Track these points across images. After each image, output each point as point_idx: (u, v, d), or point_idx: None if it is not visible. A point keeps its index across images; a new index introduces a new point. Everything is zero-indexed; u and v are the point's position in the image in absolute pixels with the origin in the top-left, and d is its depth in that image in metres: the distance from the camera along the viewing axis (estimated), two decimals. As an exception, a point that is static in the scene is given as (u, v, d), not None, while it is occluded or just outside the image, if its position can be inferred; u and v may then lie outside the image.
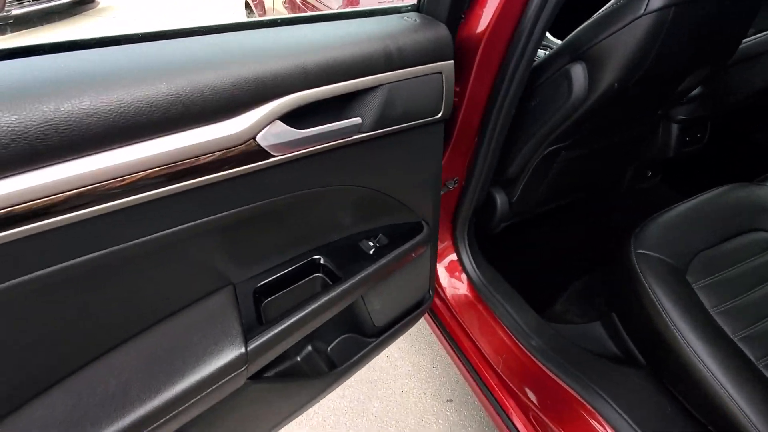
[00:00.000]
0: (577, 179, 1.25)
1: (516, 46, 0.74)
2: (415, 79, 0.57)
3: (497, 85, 0.80)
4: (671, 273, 0.86)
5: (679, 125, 1.28)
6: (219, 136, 0.43)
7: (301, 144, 0.50)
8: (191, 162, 0.42)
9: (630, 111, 1.05)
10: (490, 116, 0.85)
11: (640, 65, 0.80)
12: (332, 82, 0.50)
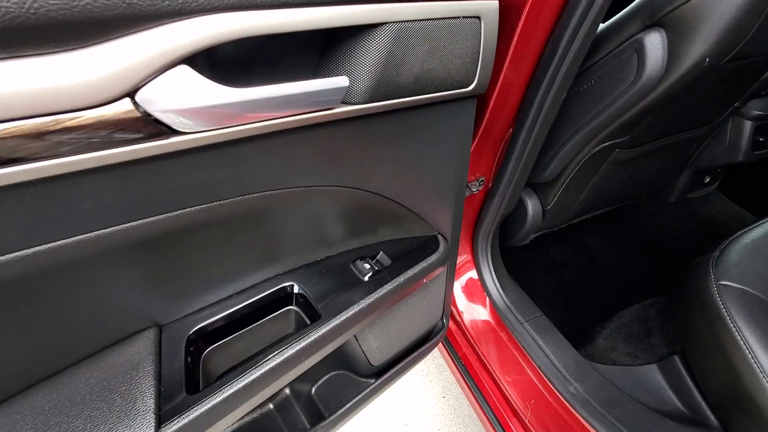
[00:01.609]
0: (626, 184, 1.03)
1: (572, 15, 0.53)
2: (440, 22, 0.37)
3: (548, 55, 0.59)
4: (763, 310, 0.65)
5: (753, 123, 1.05)
6: (55, 84, 0.23)
7: (236, 113, 0.29)
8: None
9: (707, 100, 0.83)
10: (535, 98, 0.64)
11: (742, 31, 0.58)
12: (298, 5, 0.29)
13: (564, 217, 1.04)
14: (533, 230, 1.04)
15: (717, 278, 0.68)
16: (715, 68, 0.65)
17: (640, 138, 0.85)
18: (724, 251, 0.72)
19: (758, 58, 0.72)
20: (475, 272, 0.98)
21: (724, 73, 0.73)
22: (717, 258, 0.71)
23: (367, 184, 0.45)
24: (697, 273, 0.71)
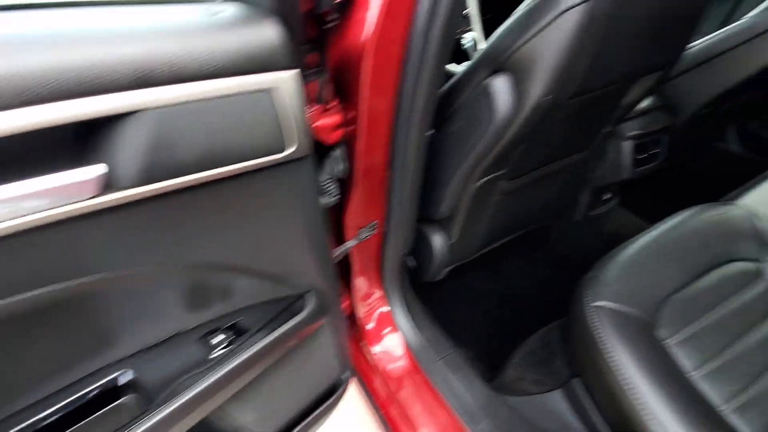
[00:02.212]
0: (524, 211, 1.08)
1: (414, 50, 0.56)
2: (219, 101, 0.37)
3: (402, 105, 0.62)
4: (637, 329, 0.67)
5: (630, 142, 1.14)
6: None
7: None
8: None
9: (571, 130, 0.89)
10: (402, 141, 0.66)
11: (574, 71, 0.64)
12: (37, 101, 0.28)
13: (472, 249, 1.07)
14: (444, 264, 1.05)
15: (592, 299, 0.70)
16: (562, 105, 0.71)
17: (519, 169, 0.89)
18: (599, 271, 0.75)
19: (605, 90, 0.78)
20: (387, 309, 0.97)
21: (577, 106, 0.79)
22: (591, 278, 0.74)
23: (194, 256, 0.43)
24: (576, 295, 0.74)
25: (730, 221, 0.86)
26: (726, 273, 0.79)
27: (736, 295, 0.76)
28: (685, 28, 0.77)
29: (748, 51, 1.05)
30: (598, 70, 0.66)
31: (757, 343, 0.70)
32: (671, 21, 0.71)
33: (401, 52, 0.57)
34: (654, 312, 0.71)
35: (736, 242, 0.83)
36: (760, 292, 0.77)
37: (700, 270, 0.78)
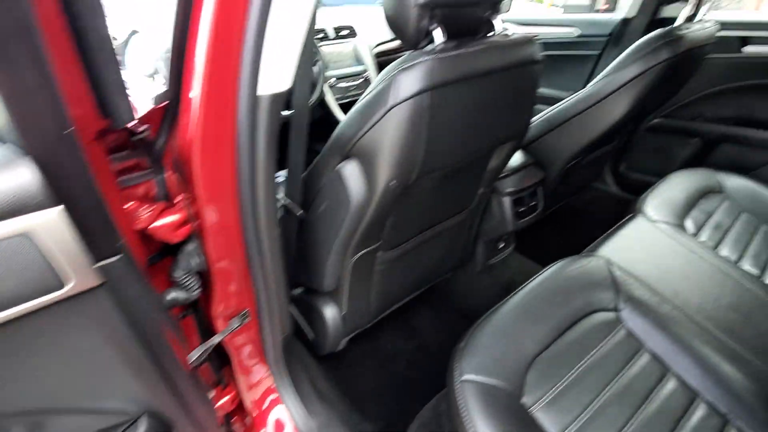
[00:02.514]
0: (415, 273, 1.10)
1: (243, 147, 0.56)
2: None
3: (243, 197, 0.61)
4: (503, 402, 0.69)
5: (509, 198, 1.23)
6: None
7: None
8: None
9: (443, 197, 0.93)
10: (250, 235, 0.64)
11: (412, 158, 0.67)
12: None
13: (366, 317, 1.05)
14: (340, 336, 1.02)
15: (459, 374, 0.71)
16: (413, 184, 0.74)
17: (394, 240, 0.91)
18: (468, 340, 0.77)
19: (463, 161, 0.83)
20: (278, 400, 0.91)
21: (440, 178, 0.83)
22: (461, 350, 0.75)
23: None
24: (448, 368, 0.74)
25: (590, 273, 0.93)
26: (587, 325, 0.84)
27: (597, 347, 0.81)
28: (522, 107, 0.85)
29: (595, 114, 1.19)
30: (437, 154, 0.70)
31: (616, 396, 0.74)
32: (504, 105, 0.79)
33: (232, 148, 0.56)
34: (520, 379, 0.72)
35: (596, 293, 0.89)
36: (618, 341, 0.83)
37: (564, 326, 0.82)
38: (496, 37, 0.73)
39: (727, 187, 1.31)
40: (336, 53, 1.67)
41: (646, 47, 1.05)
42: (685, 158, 1.59)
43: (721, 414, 0.74)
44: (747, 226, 1.19)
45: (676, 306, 0.90)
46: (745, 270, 1.06)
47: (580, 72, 1.78)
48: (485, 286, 1.43)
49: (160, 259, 0.75)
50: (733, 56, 1.40)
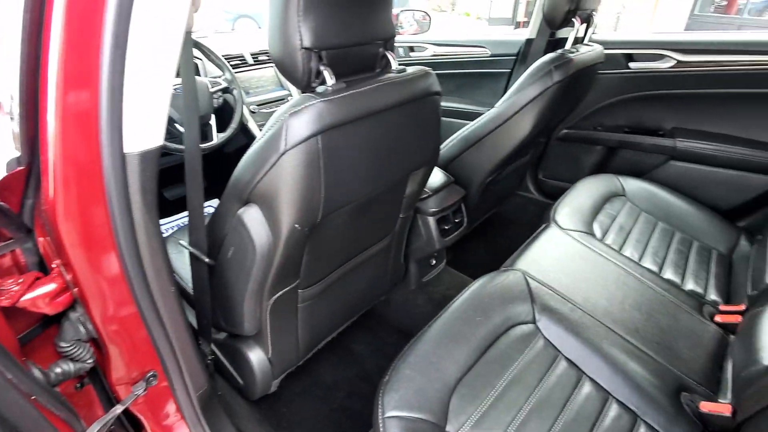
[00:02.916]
0: (342, 304, 1.08)
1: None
2: None
3: (125, 255, 0.56)
4: (429, 435, 0.69)
5: (434, 218, 1.25)
6: None
7: None
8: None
9: (363, 227, 0.93)
10: (140, 295, 0.59)
11: (312, 200, 0.66)
12: None
13: (295, 355, 1.02)
14: (269, 378, 0.98)
15: (382, 411, 0.70)
16: (320, 225, 0.73)
17: (314, 277, 0.89)
18: (392, 373, 0.76)
19: (369, 197, 0.83)
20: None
21: (355, 210, 0.82)
22: (386, 384, 0.75)
23: None
24: (374, 405, 0.73)
25: (508, 288, 0.97)
26: (507, 341, 0.87)
27: (518, 360, 0.84)
28: (427, 136, 0.88)
29: (505, 132, 1.26)
30: (339, 193, 0.70)
31: (536, 408, 0.77)
32: (408, 136, 0.81)
33: (104, 208, 0.52)
34: (444, 407, 0.73)
35: (515, 307, 0.93)
36: (537, 352, 0.87)
37: (485, 344, 0.85)
38: (391, 74, 0.74)
39: (628, 190, 1.44)
40: (256, 78, 1.63)
41: (539, 71, 1.13)
42: (592, 164, 1.73)
43: (631, 411, 0.79)
44: (646, 226, 1.30)
45: (586, 311, 0.96)
46: (646, 267, 1.16)
47: (495, 88, 1.89)
48: (421, 303, 1.45)
49: (43, 330, 0.67)
50: (622, 72, 1.55)
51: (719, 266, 1.20)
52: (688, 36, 1.47)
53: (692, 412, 0.79)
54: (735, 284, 1.14)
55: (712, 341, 0.96)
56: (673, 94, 1.49)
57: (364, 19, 0.67)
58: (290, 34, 0.59)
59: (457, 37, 1.92)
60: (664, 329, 0.97)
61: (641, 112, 1.57)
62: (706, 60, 1.38)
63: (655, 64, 1.48)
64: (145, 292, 0.57)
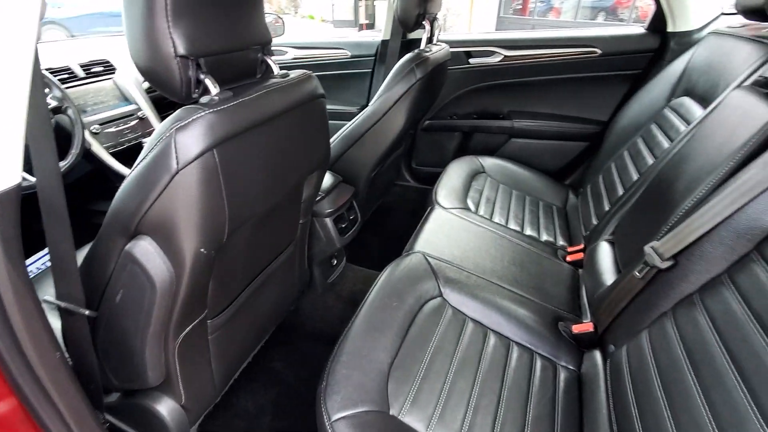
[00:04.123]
0: (255, 324, 1.02)
1: None
2: None
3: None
4: (378, 425, 0.71)
5: (329, 218, 1.27)
6: None
7: None
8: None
9: (265, 240, 0.89)
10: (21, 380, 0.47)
11: (217, 220, 0.61)
12: None
13: (213, 392, 0.93)
14: (186, 427, 0.87)
15: (329, 416, 0.70)
16: (229, 239, 0.68)
17: (221, 304, 0.83)
18: (328, 378, 0.76)
19: (272, 204, 0.80)
20: None
21: (254, 225, 0.79)
22: (324, 389, 0.74)
23: None
24: (317, 414, 0.72)
25: (413, 270, 1.05)
26: (423, 317, 0.95)
27: (435, 332, 0.92)
28: (318, 138, 0.88)
29: (382, 127, 1.34)
30: (243, 207, 0.67)
31: (459, 370, 0.85)
32: (300, 141, 0.80)
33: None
34: (384, 394, 0.76)
35: (423, 285, 1.01)
36: (449, 321, 0.96)
37: (405, 325, 0.90)
38: (275, 79, 0.73)
39: (486, 167, 1.68)
40: (93, 94, 1.38)
41: (403, 70, 1.24)
42: (454, 148, 1.96)
43: (528, 348, 0.95)
44: (505, 195, 1.55)
45: (478, 275, 1.11)
46: (512, 228, 1.38)
47: (360, 87, 1.98)
48: (331, 304, 1.45)
49: None
50: (464, 67, 1.79)
51: (560, 218, 1.50)
52: (510, 35, 1.77)
53: (568, 335, 0.99)
54: (573, 229, 1.44)
55: (569, 277, 1.21)
56: (505, 83, 1.79)
57: (239, 23, 0.64)
58: (160, 42, 0.53)
59: (316, 40, 1.95)
60: (534, 275, 1.18)
61: (484, 100, 1.84)
62: (526, 54, 1.70)
63: (488, 59, 1.76)
64: (24, 367, 0.46)
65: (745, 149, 0.73)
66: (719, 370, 0.57)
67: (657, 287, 0.78)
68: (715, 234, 0.69)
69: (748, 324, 0.57)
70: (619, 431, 0.72)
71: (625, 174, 1.27)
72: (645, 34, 1.59)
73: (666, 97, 1.33)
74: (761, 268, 0.60)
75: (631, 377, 0.74)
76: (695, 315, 0.67)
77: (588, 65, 1.66)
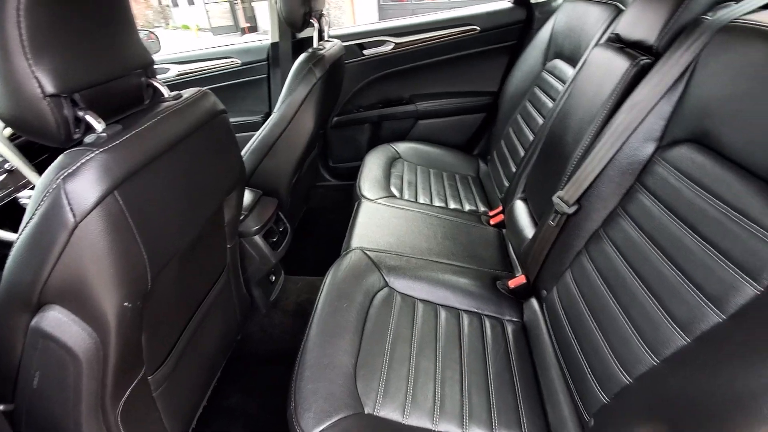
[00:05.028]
0: (203, 366, 0.95)
1: None
2: None
3: None
4: (357, 427, 0.71)
5: (259, 235, 1.22)
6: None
7: None
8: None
9: (192, 279, 0.83)
10: None
11: (136, 268, 0.55)
12: None
13: None
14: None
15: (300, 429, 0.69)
16: (155, 284, 0.62)
17: (160, 355, 0.76)
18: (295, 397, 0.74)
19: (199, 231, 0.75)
20: None
21: (180, 260, 0.73)
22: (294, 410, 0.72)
23: None
24: None
25: (355, 267, 1.05)
26: (375, 311, 0.96)
27: (390, 322, 0.94)
28: (228, 156, 0.84)
29: (292, 132, 1.30)
30: (163, 245, 0.61)
31: (420, 351, 0.89)
32: (210, 162, 0.75)
33: None
34: (355, 395, 0.76)
35: (368, 280, 1.03)
36: (400, 307, 0.99)
37: (360, 323, 0.91)
38: (168, 102, 0.67)
39: (401, 152, 1.73)
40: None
41: (302, 71, 1.21)
42: (367, 140, 1.98)
43: (476, 313, 1.01)
44: (424, 175, 1.61)
45: (417, 257, 1.15)
46: (437, 206, 1.45)
47: (258, 94, 1.90)
48: (278, 322, 1.40)
49: None
50: (360, 59, 1.81)
51: (476, 186, 1.61)
52: (397, 23, 1.83)
53: (506, 291, 1.08)
54: (490, 195, 1.56)
55: (496, 238, 1.31)
56: (402, 69, 1.85)
57: (112, 48, 0.58)
58: (23, 84, 0.46)
59: (200, 51, 1.82)
60: (466, 244, 1.26)
61: (385, 88, 1.88)
62: (415, 39, 1.76)
63: (381, 49, 1.80)
64: None
65: (613, 97, 0.85)
66: (631, 288, 0.67)
67: (569, 231, 0.88)
68: (604, 175, 0.80)
69: (644, 244, 0.67)
70: (565, 362, 0.81)
71: (522, 136, 1.40)
72: (513, 7, 1.75)
73: (541, 62, 1.48)
74: (644, 195, 0.71)
75: (565, 313, 0.84)
76: (603, 247, 0.77)
77: (471, 42, 1.78)
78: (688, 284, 0.57)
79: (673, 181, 0.65)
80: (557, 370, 0.84)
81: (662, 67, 0.74)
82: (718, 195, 0.56)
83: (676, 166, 0.66)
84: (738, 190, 0.54)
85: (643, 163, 0.75)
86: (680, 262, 0.59)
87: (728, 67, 0.62)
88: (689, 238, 0.59)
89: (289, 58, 1.69)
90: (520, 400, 0.82)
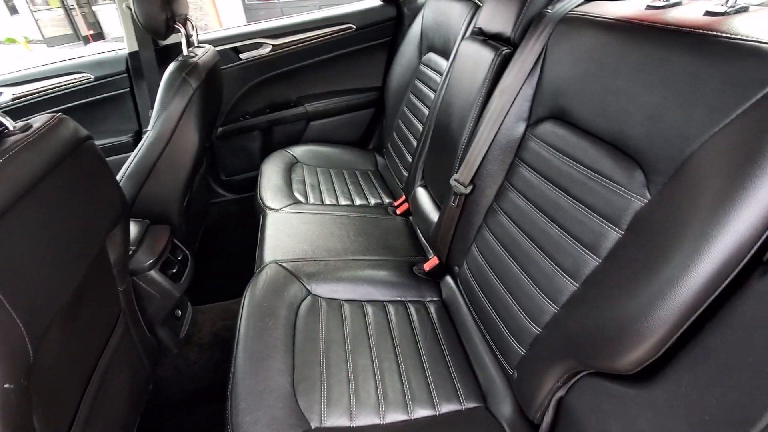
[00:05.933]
0: (115, 430, 0.83)
1: None
2: None
3: None
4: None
5: (155, 270, 1.09)
6: None
7: None
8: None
9: (82, 339, 0.71)
10: None
11: (10, 341, 0.46)
12: None
13: None
14: None
15: None
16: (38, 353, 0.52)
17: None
18: (233, 429, 0.70)
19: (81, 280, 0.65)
20: None
21: (60, 326, 0.62)
22: None
23: None
24: None
25: (273, 282, 1.01)
26: (302, 321, 0.94)
27: (320, 330, 0.93)
28: (103, 188, 0.73)
29: (174, 150, 1.18)
30: (38, 307, 0.52)
31: (354, 351, 0.89)
32: (81, 200, 0.65)
33: None
34: (299, 413, 0.74)
35: (289, 292, 0.99)
36: (326, 313, 0.98)
37: (290, 338, 0.88)
38: (15, 136, 0.55)
39: (298, 156, 1.70)
40: None
41: (174, 83, 1.10)
42: (260, 148, 1.90)
43: (400, 301, 1.05)
44: (325, 176, 1.61)
45: (334, 258, 1.15)
46: (344, 204, 1.46)
47: (122, 111, 1.68)
48: (195, 358, 1.28)
49: None
50: (237, 64, 1.71)
51: (377, 180, 1.66)
52: (272, 24, 1.76)
53: (423, 275, 1.14)
54: (392, 186, 1.62)
55: (405, 227, 1.37)
56: (284, 72, 1.80)
57: None
58: None
59: (39, 69, 1.53)
60: (379, 238, 1.29)
61: (269, 92, 1.81)
62: (293, 40, 1.73)
63: (259, 51, 1.72)
64: None
65: (486, 85, 0.95)
66: (526, 250, 0.76)
67: (469, 209, 0.97)
68: (489, 155, 0.90)
69: (531, 210, 0.77)
70: (485, 327, 0.89)
71: (412, 127, 1.49)
72: (383, 5, 1.82)
73: (417, 55, 1.58)
74: (524, 168, 0.82)
75: (477, 283, 0.92)
76: (499, 218, 0.87)
77: (349, 40, 1.81)
78: (569, 238, 0.67)
79: (544, 153, 0.76)
80: (479, 336, 0.92)
81: (520, 56, 0.86)
82: (579, 160, 0.67)
83: (544, 140, 0.77)
84: (592, 154, 0.65)
85: (519, 141, 0.86)
86: (560, 221, 0.70)
87: (569, 53, 0.74)
88: (564, 199, 0.69)
89: (154, 68, 1.52)
90: (453, 372, 0.88)
